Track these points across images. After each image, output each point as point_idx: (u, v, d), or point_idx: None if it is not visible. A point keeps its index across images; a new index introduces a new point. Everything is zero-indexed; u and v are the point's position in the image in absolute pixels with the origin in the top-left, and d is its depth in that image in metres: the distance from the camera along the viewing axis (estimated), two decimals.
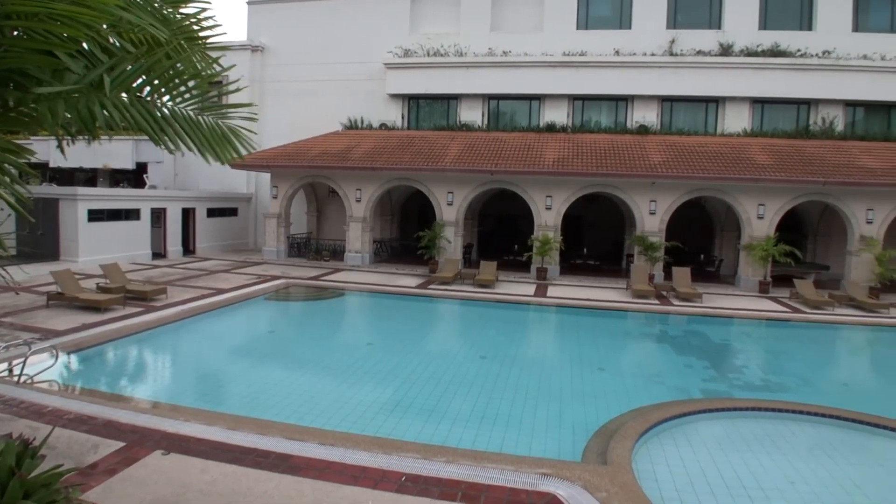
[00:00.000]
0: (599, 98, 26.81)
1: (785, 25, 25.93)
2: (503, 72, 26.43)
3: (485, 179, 22.63)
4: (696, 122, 26.26)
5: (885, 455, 8.40)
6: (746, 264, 21.78)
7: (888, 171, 20.99)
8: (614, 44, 26.06)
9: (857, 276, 21.04)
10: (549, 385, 10.73)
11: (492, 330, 15.87)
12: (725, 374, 12.44)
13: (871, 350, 16.40)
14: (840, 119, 25.50)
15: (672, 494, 6.59)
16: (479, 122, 26.94)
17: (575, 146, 23.11)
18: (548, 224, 22.33)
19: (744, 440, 8.49)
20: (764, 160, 21.75)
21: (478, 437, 8.02)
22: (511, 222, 28.10)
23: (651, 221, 21.96)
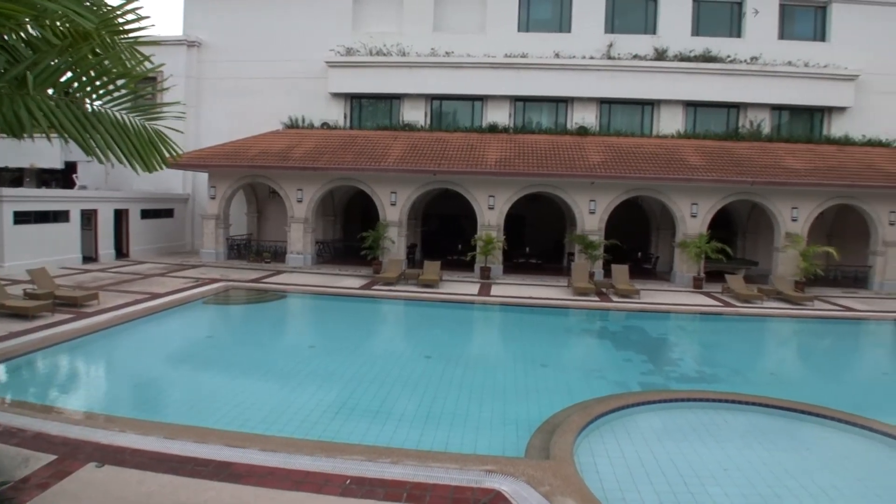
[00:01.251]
0: (540, 99, 27.27)
1: (716, 32, 27.06)
2: (446, 72, 26.56)
3: (428, 179, 22.69)
4: (633, 124, 27.07)
5: (812, 440, 8.88)
6: (681, 261, 22.58)
7: (811, 172, 22.14)
8: (554, 46, 26.57)
9: (783, 271, 22.11)
10: (494, 383, 10.87)
11: (436, 329, 15.94)
12: (662, 367, 12.87)
13: (797, 340, 17.30)
14: (767, 122, 26.77)
15: (613, 485, 6.80)
16: (422, 122, 26.99)
17: (517, 146, 23.43)
18: (491, 224, 22.57)
19: (680, 430, 8.83)
20: (696, 161, 22.59)
21: (423, 437, 8.05)
22: (455, 222, 28.27)
23: (591, 220, 22.49)
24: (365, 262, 23.01)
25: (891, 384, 13.29)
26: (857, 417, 8.97)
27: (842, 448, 8.51)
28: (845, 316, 18.44)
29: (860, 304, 19.98)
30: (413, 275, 20.68)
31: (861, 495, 7.05)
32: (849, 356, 16.09)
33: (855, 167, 22.85)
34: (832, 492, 6.98)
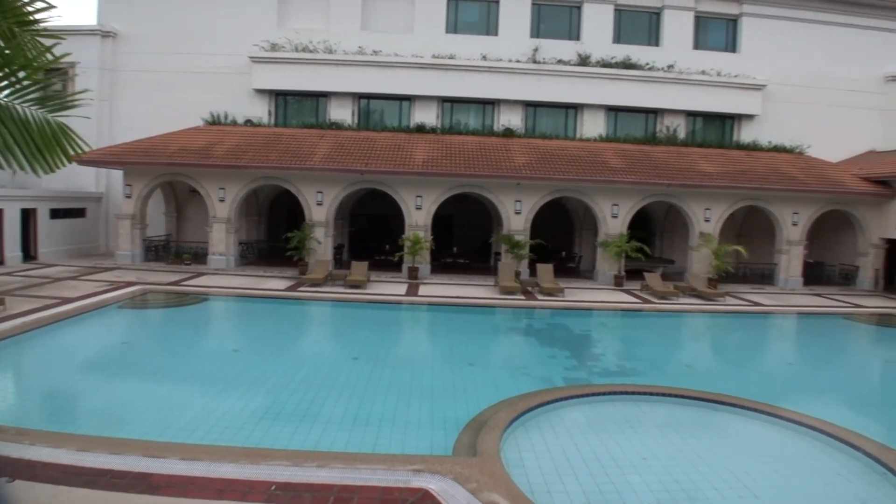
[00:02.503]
0: (468, 101, 27.53)
1: (635, 40, 28.13)
2: (373, 71, 26.38)
3: (355, 179, 22.50)
4: (558, 127, 27.75)
5: (725, 429, 9.41)
6: (603, 260, 23.34)
7: (722, 175, 23.38)
8: (482, 49, 26.90)
9: (697, 269, 23.25)
10: (422, 382, 10.91)
11: (364, 331, 15.82)
12: (585, 363, 13.27)
13: (710, 334, 18.21)
14: (682, 127, 28.05)
15: (538, 479, 6.97)
16: (349, 121, 26.72)
17: (444, 147, 23.57)
18: (418, 224, 22.62)
19: (602, 423, 9.15)
20: (617, 163, 23.40)
21: (351, 439, 7.99)
22: (382, 222, 28.16)
23: (517, 221, 22.90)
24: (290, 264, 22.55)
25: (794, 373, 14.26)
26: (765, 405, 9.56)
27: (752, 434, 9.05)
28: (753, 310, 19.63)
29: (767, 299, 21.29)
30: (340, 276, 20.46)
31: (768, 478, 7.52)
32: (757, 348, 17.08)
33: (762, 171, 24.30)
34: (743, 476, 7.40)
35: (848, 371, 14.89)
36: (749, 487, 7.14)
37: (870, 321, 19.40)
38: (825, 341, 17.64)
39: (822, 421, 8.90)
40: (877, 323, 19.26)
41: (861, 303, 21.58)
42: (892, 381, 14.18)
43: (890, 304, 21.60)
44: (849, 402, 11.66)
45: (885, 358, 16.36)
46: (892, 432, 9.24)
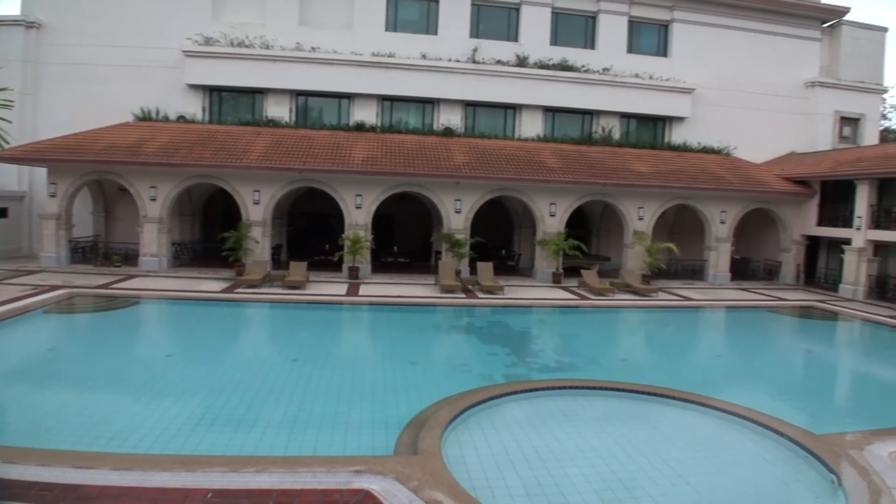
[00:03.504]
0: (408, 100, 27.47)
1: (572, 43, 28.71)
2: (312, 68, 25.96)
3: (293, 178, 22.12)
4: (497, 127, 28.03)
5: (659, 419, 9.76)
6: (542, 258, 23.76)
7: (655, 175, 24.18)
8: (421, 48, 26.89)
9: (632, 266, 23.95)
10: (363, 383, 10.84)
11: (303, 332, 15.58)
12: (525, 359, 13.51)
13: (644, 329, 18.82)
14: (617, 128, 28.82)
15: (480, 475, 7.06)
16: (286, 119, 26.22)
17: (384, 146, 23.47)
18: (358, 223, 22.44)
19: (541, 418, 9.33)
20: (554, 163, 23.86)
21: (290, 443, 7.86)
22: (322, 221, 27.79)
23: (457, 220, 23.03)
24: (227, 265, 21.95)
25: (723, 365, 14.94)
26: (696, 396, 9.99)
27: (684, 424, 9.45)
28: (684, 305, 20.40)
29: (697, 293, 22.15)
30: (278, 276, 20.08)
31: (699, 465, 7.87)
32: (688, 341, 17.78)
33: (692, 171, 25.25)
34: (675, 464, 7.70)
35: (772, 361, 15.67)
36: (681, 475, 7.44)
37: (792, 313, 20.52)
38: (751, 333, 18.53)
39: (749, 409, 9.36)
40: (798, 315, 20.39)
41: (784, 296, 22.76)
42: (813, 370, 15.02)
43: (810, 296, 22.83)
44: (774, 391, 12.27)
45: (806, 348, 17.30)
46: (814, 418, 9.78)
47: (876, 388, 13.46)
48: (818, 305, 21.17)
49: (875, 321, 18.84)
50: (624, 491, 6.91)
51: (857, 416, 10.71)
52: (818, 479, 7.39)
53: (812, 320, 19.85)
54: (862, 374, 15.13)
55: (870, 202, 22.92)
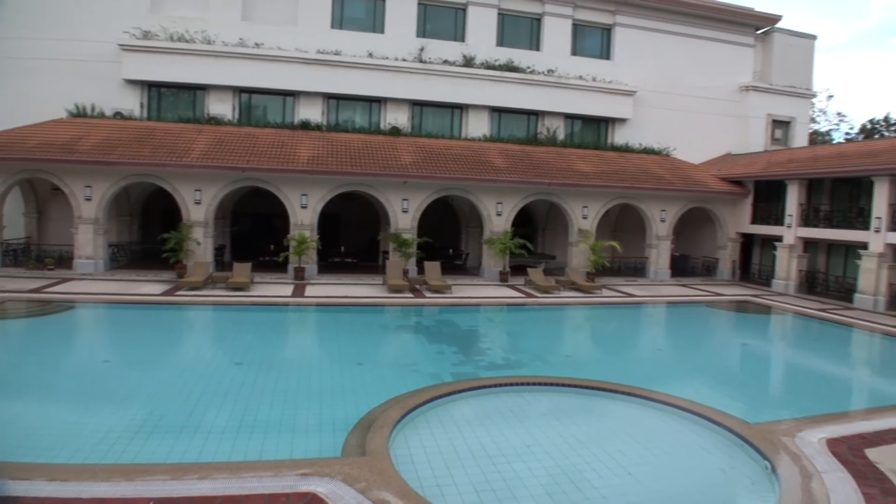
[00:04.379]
0: (354, 98, 27.24)
1: (518, 44, 29.05)
2: (255, 64, 25.41)
3: (236, 177, 21.63)
4: (444, 126, 28.12)
5: (603, 413, 9.99)
6: (489, 257, 23.97)
7: (598, 175, 24.73)
8: (368, 46, 26.69)
9: (577, 264, 24.43)
10: (309, 385, 10.71)
11: (248, 334, 15.22)
12: (472, 357, 13.59)
13: (589, 325, 19.25)
14: (561, 129, 29.33)
15: (428, 474, 7.07)
16: (229, 116, 25.60)
17: (330, 145, 23.22)
18: (304, 223, 22.13)
19: (488, 415, 9.40)
20: (501, 163, 24.10)
21: (235, 448, 7.67)
22: (267, 221, 27.29)
23: (404, 219, 22.99)
24: (167, 266, 21.26)
25: (664, 359, 15.41)
26: (638, 389, 10.26)
27: (627, 417, 9.69)
28: (627, 301, 20.95)
29: (639, 290, 22.77)
30: (221, 278, 19.62)
31: (641, 456, 8.07)
32: (631, 336, 18.24)
33: (633, 171, 25.94)
34: (619, 456, 7.89)
35: (710, 354, 16.29)
36: (624, 466, 7.64)
37: (728, 308, 21.33)
38: (690, 328, 19.19)
39: (688, 401, 9.68)
40: (735, 309, 21.19)
41: (721, 291, 23.64)
42: (749, 362, 15.62)
43: (745, 291, 23.78)
44: (712, 383, 12.73)
45: (741, 341, 17.98)
46: (749, 407, 10.17)
47: (806, 377, 14.15)
48: (752, 300, 22.09)
49: (805, 314, 19.80)
50: (570, 484, 7.04)
51: (789, 405, 11.20)
52: (753, 465, 7.70)
53: (747, 314, 20.67)
54: (793, 364, 15.86)
55: (799, 201, 24.05)
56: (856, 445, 8.06)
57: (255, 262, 21.50)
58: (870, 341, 17.29)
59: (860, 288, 21.15)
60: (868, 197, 21.31)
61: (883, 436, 8.54)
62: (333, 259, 25.12)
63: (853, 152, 23.86)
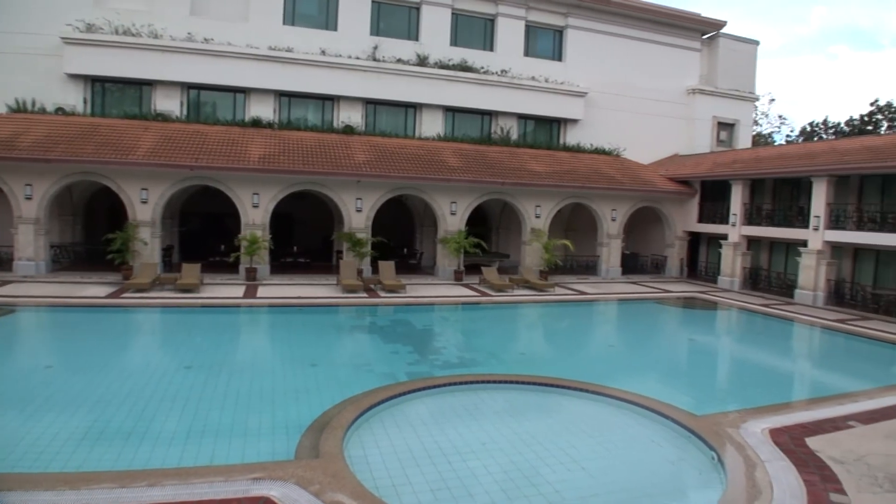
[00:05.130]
0: (306, 96, 26.90)
1: (472, 45, 29.18)
2: (205, 60, 24.79)
3: (185, 175, 21.10)
4: (397, 125, 28.04)
5: (556, 409, 10.13)
6: (443, 256, 24.03)
7: (551, 175, 25.07)
8: (321, 43, 26.38)
9: (530, 262, 24.72)
10: (262, 387, 10.52)
11: (197, 337, 14.86)
12: (427, 356, 13.61)
13: (542, 322, 19.48)
14: (514, 129, 29.61)
15: (383, 474, 7.04)
16: (177, 113, 24.91)
17: (282, 143, 22.89)
18: (256, 222, 21.75)
19: (444, 414, 9.44)
20: (455, 163, 24.19)
21: (185, 454, 7.48)
22: (217, 221, 26.66)
23: (358, 218, 22.84)
24: (113, 268, 20.57)
25: (615, 354, 15.73)
26: (590, 385, 10.46)
27: (580, 412, 9.86)
28: (579, 299, 21.32)
29: (591, 288, 23.20)
30: (170, 279, 19.13)
31: (593, 450, 8.24)
32: (583, 333, 18.56)
33: (585, 171, 26.38)
34: (572, 451, 8.03)
35: (660, 349, 16.73)
36: (577, 461, 7.77)
37: (677, 304, 21.95)
38: (641, 324, 19.65)
39: (638, 395, 9.92)
40: (683, 306, 21.83)
41: (669, 288, 24.29)
42: (696, 356, 16.12)
43: (692, 288, 24.49)
44: (661, 377, 13.08)
45: (689, 336, 18.53)
46: (696, 400, 10.49)
47: (751, 370, 14.67)
48: (700, 296, 22.77)
49: (749, 309, 20.53)
50: (524, 479, 7.13)
51: (734, 397, 11.59)
52: (700, 456, 7.94)
53: (695, 310, 21.30)
54: (738, 358, 16.39)
55: (743, 201, 24.88)
56: (797, 435, 8.40)
57: (205, 263, 21.04)
58: (810, 334, 18.06)
59: (800, 283, 22.03)
60: (807, 196, 22.20)
61: (822, 425, 8.91)
62: (286, 259, 24.79)
63: (793, 154, 24.83)
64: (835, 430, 8.71)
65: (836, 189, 21.45)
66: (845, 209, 21.20)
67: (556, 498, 6.75)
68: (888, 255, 20.54)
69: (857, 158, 20.57)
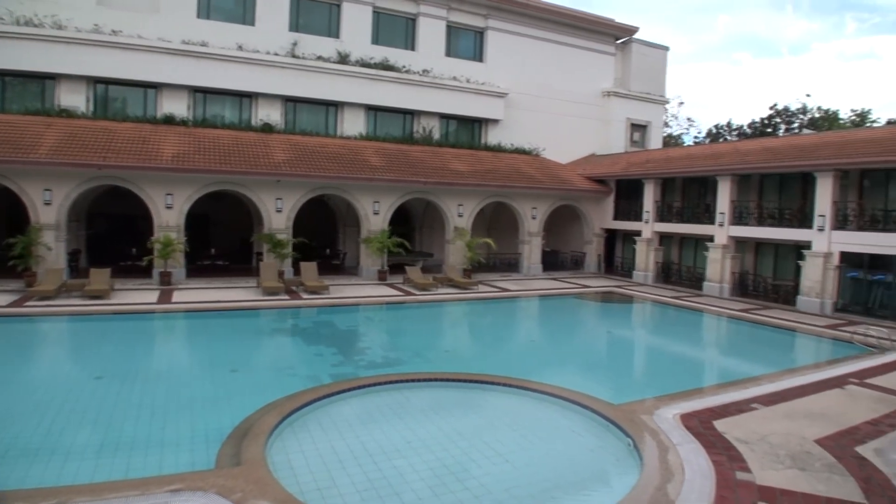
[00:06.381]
0: (223, 92, 25.98)
1: (393, 44, 29.08)
2: (113, 53, 23.42)
3: (92, 175, 19.96)
4: (318, 124, 27.58)
5: (481, 405, 10.26)
6: (367, 256, 23.88)
7: (472, 174, 25.39)
8: (237, 38, 25.56)
9: (454, 261, 24.95)
10: (179, 396, 10.15)
11: (109, 346, 14.10)
12: (352, 357, 13.56)
13: (467, 320, 19.73)
14: (437, 129, 29.77)
15: (308, 478, 6.96)
16: (83, 109, 23.47)
17: (197, 141, 22.08)
18: (170, 224, 20.88)
19: (369, 414, 9.41)
20: (377, 162, 24.09)
21: (98, 469, 7.11)
22: (128, 223, 25.35)
23: (278, 219, 22.35)
24: (14, 275, 19.17)
25: (537, 349, 16.15)
26: (514, 380, 10.72)
27: (503, 407, 10.09)
28: (502, 296, 21.72)
29: (513, 285, 23.68)
30: (77, 286, 18.08)
31: (517, 443, 8.46)
32: (506, 329, 18.94)
33: (506, 171, 26.89)
34: (496, 445, 8.21)
35: (580, 342, 17.34)
36: (501, 454, 7.96)
37: (595, 299, 22.77)
38: (561, 318, 20.32)
39: (559, 388, 10.24)
40: (601, 300, 22.69)
41: (588, 283, 25.12)
42: (614, 348, 16.78)
43: (609, 283, 25.43)
44: (581, 369, 13.58)
45: (607, 329, 19.26)
46: (614, 390, 10.93)
47: (664, 359, 15.46)
48: (616, 290, 23.70)
49: (662, 302, 21.57)
50: (450, 476, 7.21)
51: (649, 386, 12.14)
52: (617, 443, 8.29)
53: (612, 304, 22.19)
54: (653, 348, 17.25)
55: (655, 199, 26.06)
56: (706, 418, 8.91)
57: (116, 268, 20.02)
58: (717, 324, 19.18)
59: (708, 276, 23.31)
60: (713, 194, 23.51)
61: (728, 408, 9.49)
62: (203, 262, 23.91)
63: (700, 154, 26.24)
64: (740, 413, 9.29)
65: (738, 187, 22.83)
66: (747, 206, 22.59)
67: (482, 492, 6.87)
68: (786, 248, 22.04)
69: (757, 159, 21.98)
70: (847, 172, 19.74)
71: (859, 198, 19.75)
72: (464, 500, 6.66)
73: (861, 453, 7.80)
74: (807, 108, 47.83)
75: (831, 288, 19.38)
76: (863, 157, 18.45)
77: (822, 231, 19.49)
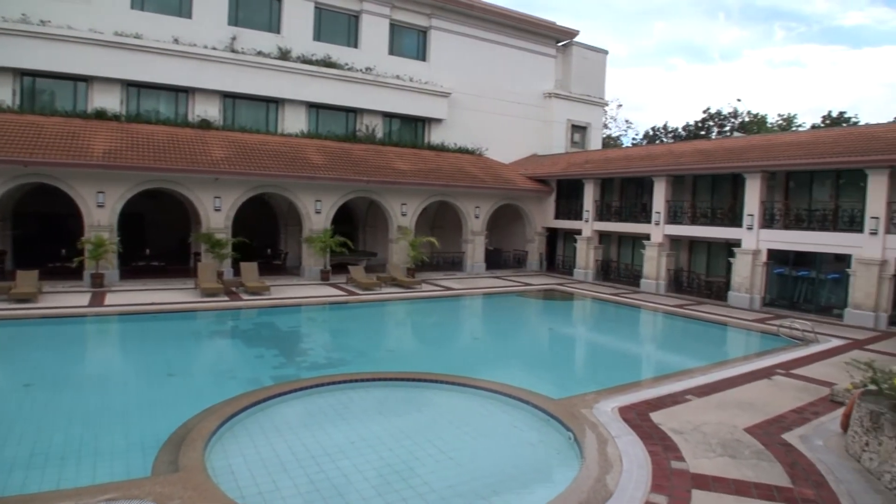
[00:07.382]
0: (158, 87, 25.09)
1: (336, 40, 28.74)
2: (40, 44, 22.21)
3: (18, 172, 18.98)
4: (259, 121, 26.97)
5: (425, 403, 10.31)
6: (309, 255, 23.58)
7: (416, 173, 25.41)
8: (173, 31, 24.69)
9: (397, 260, 24.93)
10: (113, 403, 9.80)
11: (37, 352, 13.39)
12: (294, 359, 13.38)
13: (410, 319, 19.76)
14: (380, 127, 29.62)
15: (249, 483, 6.84)
16: (8, 102, 22.21)
17: (130, 137, 21.30)
18: (102, 224, 20.07)
19: (311, 416, 9.34)
20: (319, 160, 23.81)
21: (27, 480, 6.75)
22: (58, 223, 24.21)
23: (217, 218, 21.80)
24: None
25: (480, 347, 16.36)
26: (458, 378, 10.80)
27: (447, 405, 10.16)
28: (446, 295, 21.86)
29: (457, 283, 23.84)
30: (3, 288, 17.14)
31: (461, 440, 8.55)
32: (450, 328, 19.09)
33: (449, 170, 27.02)
34: (440, 443, 8.25)
35: (522, 339, 17.64)
36: (444, 451, 8.01)
37: (537, 296, 23.18)
38: (504, 316, 20.59)
39: (502, 384, 10.39)
40: (543, 297, 23.11)
41: (530, 281, 25.53)
42: (555, 344, 17.15)
43: (551, 280, 25.93)
44: (523, 365, 13.82)
45: (548, 325, 19.66)
46: (554, 385, 11.13)
47: (603, 354, 15.89)
48: (558, 288, 24.19)
49: (601, 299, 22.16)
50: (394, 475, 7.21)
51: (588, 380, 12.48)
52: (558, 437, 8.48)
53: (553, 301, 22.63)
54: (592, 343, 17.70)
55: (595, 198, 26.72)
56: (642, 411, 9.23)
57: (44, 270, 19.05)
58: (654, 319, 19.83)
59: (645, 273, 24.07)
60: (650, 194, 24.31)
61: (663, 400, 9.86)
62: (138, 263, 23.02)
63: (637, 156, 27.04)
64: (675, 405, 9.66)
65: (673, 188, 23.66)
66: (682, 206, 23.43)
67: (426, 490, 6.90)
68: (718, 246, 22.97)
69: (690, 160, 22.82)
70: (774, 174, 20.73)
71: (785, 198, 20.76)
72: (409, 499, 6.68)
73: (787, 440, 8.24)
74: (738, 112, 49.88)
75: (760, 284, 20.34)
76: (788, 160, 19.46)
77: (751, 230, 20.44)
